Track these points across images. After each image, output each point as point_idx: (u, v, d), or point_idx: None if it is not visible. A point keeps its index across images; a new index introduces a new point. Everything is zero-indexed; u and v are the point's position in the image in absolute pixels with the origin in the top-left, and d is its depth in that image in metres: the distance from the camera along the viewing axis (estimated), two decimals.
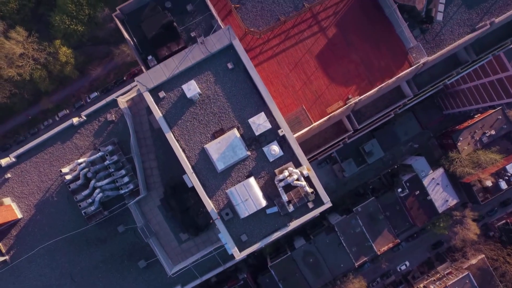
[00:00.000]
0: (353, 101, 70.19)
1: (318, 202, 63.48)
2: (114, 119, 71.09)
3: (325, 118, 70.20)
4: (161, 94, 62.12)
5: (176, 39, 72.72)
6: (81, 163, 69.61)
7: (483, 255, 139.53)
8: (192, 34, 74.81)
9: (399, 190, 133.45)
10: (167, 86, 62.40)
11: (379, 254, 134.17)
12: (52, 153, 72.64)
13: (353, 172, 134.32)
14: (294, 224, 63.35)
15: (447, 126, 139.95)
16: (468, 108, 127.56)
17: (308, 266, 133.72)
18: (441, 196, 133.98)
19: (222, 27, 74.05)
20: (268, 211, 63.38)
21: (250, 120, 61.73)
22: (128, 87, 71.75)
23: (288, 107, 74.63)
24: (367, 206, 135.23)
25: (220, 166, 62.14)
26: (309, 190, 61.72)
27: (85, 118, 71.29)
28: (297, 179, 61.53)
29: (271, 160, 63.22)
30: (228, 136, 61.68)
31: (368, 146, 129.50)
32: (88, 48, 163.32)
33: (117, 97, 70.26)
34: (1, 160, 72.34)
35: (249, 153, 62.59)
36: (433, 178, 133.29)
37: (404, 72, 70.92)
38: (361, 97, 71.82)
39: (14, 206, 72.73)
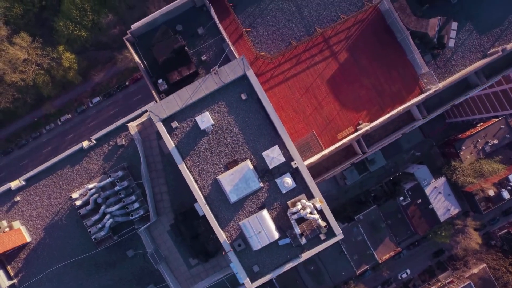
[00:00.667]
0: (364, 129, 69.26)
1: (330, 233, 62.73)
2: (124, 143, 69.99)
3: (335, 146, 69.17)
4: (174, 124, 61.07)
5: (187, 63, 71.66)
6: (91, 189, 68.47)
7: (485, 265, 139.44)
8: (203, 58, 73.68)
9: (401, 198, 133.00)
10: (180, 116, 61.34)
11: (380, 262, 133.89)
12: (61, 176, 71.53)
13: (355, 180, 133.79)
14: (306, 255, 62.71)
15: (449, 135, 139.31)
16: (472, 117, 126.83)
17: (309, 273, 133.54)
18: (443, 205, 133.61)
19: (233, 51, 72.98)
20: (280, 242, 62.62)
21: (264, 153, 60.75)
22: (139, 111, 70.44)
23: (298, 132, 73.70)
24: (369, 214, 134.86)
25: (233, 198, 61.23)
26: (322, 223, 60.85)
27: (95, 142, 70.14)
28: (310, 213, 60.55)
29: (283, 191, 62.32)
30: (241, 168, 60.69)
31: (370, 154, 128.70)
32: (91, 53, 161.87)
33: (128, 122, 68.85)
34: (10, 183, 71.22)
35: (262, 184, 61.74)
36: (435, 187, 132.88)
37: (415, 101, 69.86)
38: (372, 124, 70.89)
39: (23, 229, 71.71)
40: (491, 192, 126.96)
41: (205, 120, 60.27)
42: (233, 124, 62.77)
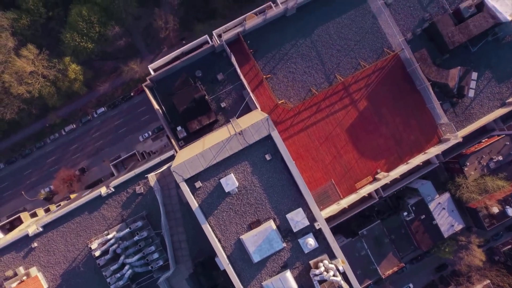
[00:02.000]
0: (383, 182, 68.11)
1: None
2: (142, 191, 68.66)
3: (355, 198, 68.17)
4: (198, 184, 59.79)
5: (207, 112, 70.39)
6: (110, 239, 67.06)
7: (489, 281, 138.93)
8: (223, 105, 72.29)
9: (405, 213, 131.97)
10: (204, 175, 60.06)
11: (383, 277, 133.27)
12: (79, 223, 70.14)
13: None
14: None
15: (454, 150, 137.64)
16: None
17: None
18: (446, 220, 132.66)
19: (253, 99, 71.51)
20: None
21: (289, 217, 59.83)
22: (157, 159, 68.95)
23: (317, 181, 72.60)
24: (373, 229, 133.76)
25: (256, 258, 60.32)
26: (344, 286, 59.88)
27: (113, 189, 68.77)
28: (333, 275, 59.58)
29: (306, 251, 61.45)
30: (264, 229, 59.70)
31: None
32: (96, 63, 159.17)
33: (147, 172, 67.43)
34: (28, 230, 69.66)
35: (285, 244, 60.93)
36: (439, 203, 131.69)
37: (435, 153, 68.83)
38: (391, 177, 69.77)
39: (40, 276, 70.48)
40: (495, 209, 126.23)
41: (230, 183, 59.04)
42: (257, 184, 61.50)
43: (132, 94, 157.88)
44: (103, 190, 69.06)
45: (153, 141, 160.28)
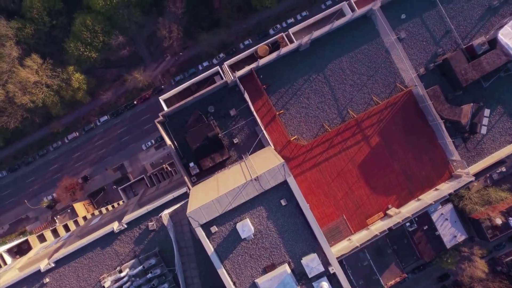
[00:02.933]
0: (395, 219, 68.01)
1: None
2: (155, 228, 68.25)
3: (368, 237, 68.02)
4: (213, 229, 59.53)
5: (220, 150, 69.93)
6: (123, 277, 66.70)
7: None
8: (235, 140, 71.81)
9: (408, 224, 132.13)
10: (219, 220, 59.84)
11: None
12: (91, 258, 69.64)
13: None
14: None
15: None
16: None
17: None
18: (449, 231, 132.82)
19: (266, 135, 71.03)
20: None
21: (304, 262, 59.82)
22: (170, 196, 68.42)
23: (329, 216, 72.38)
24: (376, 239, 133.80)
25: None
26: None
27: (125, 225, 68.36)
28: None
29: None
30: (279, 273, 59.64)
31: None
32: (99, 71, 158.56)
33: (161, 208, 67.10)
34: (40, 265, 69.11)
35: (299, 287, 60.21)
36: (441, 214, 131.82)
37: (447, 191, 68.64)
38: (402, 211, 69.66)
39: None
40: (498, 221, 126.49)
41: (246, 229, 58.87)
42: (272, 228, 61.27)
43: (135, 102, 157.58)
44: (115, 226, 68.62)
45: (156, 149, 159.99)
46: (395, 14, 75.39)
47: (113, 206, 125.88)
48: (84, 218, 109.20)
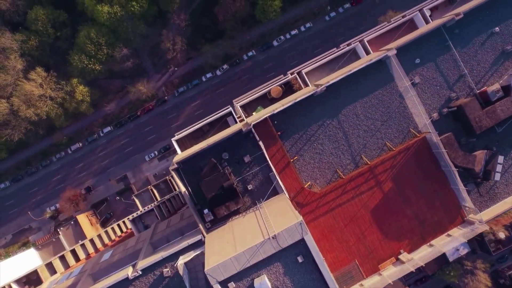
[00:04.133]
0: (408, 268, 67.89)
1: None
2: (170, 274, 67.92)
3: (378, 279, 68.09)
4: (231, 285, 59.53)
5: (235, 199, 69.27)
6: None
7: None
8: (249, 187, 71.29)
9: None
10: (237, 277, 59.39)
11: None
12: None
13: None
14: None
15: None
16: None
17: None
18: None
19: (280, 183, 70.58)
20: None
21: None
22: (185, 243, 67.98)
23: (341, 261, 72.17)
24: None
25: None
26: None
27: (140, 272, 67.72)
28: None
29: None
30: None
31: None
32: (102, 81, 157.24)
33: (176, 256, 66.66)
34: None
35: None
36: None
37: (459, 240, 68.46)
38: (414, 258, 69.54)
39: None
40: (502, 235, 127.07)
41: (263, 286, 59.13)
42: (289, 284, 61.22)
43: (138, 113, 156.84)
44: (130, 272, 68.17)
45: (159, 160, 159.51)
46: (410, 59, 74.68)
47: (118, 226, 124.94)
48: (92, 242, 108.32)
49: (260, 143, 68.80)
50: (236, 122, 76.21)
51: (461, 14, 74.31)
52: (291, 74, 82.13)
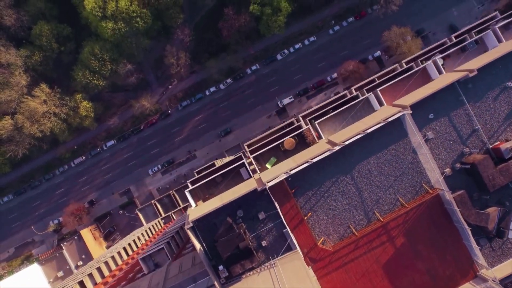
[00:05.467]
0: None
1: None
2: None
3: None
4: None
5: (251, 257, 69.47)
6: None
7: None
8: (263, 243, 71.45)
9: None
10: None
11: None
12: None
13: None
14: None
15: None
16: None
17: None
18: None
19: (294, 240, 70.96)
20: None
21: None
22: None
23: None
24: None
25: None
26: None
27: None
28: None
29: None
30: None
31: None
32: (106, 95, 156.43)
33: None
34: None
35: None
36: None
37: None
38: None
39: None
40: None
41: None
42: None
43: (142, 127, 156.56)
44: None
45: (163, 174, 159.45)
46: (424, 114, 74.54)
47: (124, 249, 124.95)
48: (99, 272, 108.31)
49: (275, 202, 68.76)
50: (250, 174, 76.09)
51: (475, 71, 74.05)
52: (303, 118, 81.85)
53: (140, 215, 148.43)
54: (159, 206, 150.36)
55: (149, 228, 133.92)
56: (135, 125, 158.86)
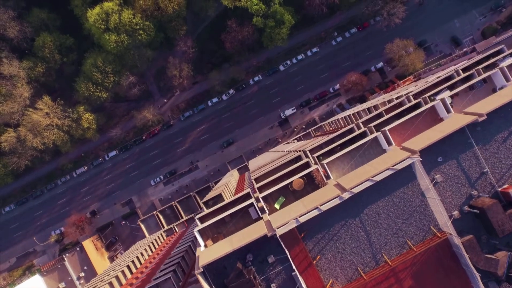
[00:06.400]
0: None
1: None
2: None
3: None
4: None
5: None
6: None
7: None
8: (272, 286, 71.38)
9: None
10: None
11: None
12: None
13: None
14: None
15: None
16: None
17: None
18: None
19: (302, 283, 70.97)
20: None
21: None
22: None
23: None
24: None
25: None
26: None
27: None
28: None
29: None
30: None
31: None
32: (108, 105, 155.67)
33: None
34: None
35: None
36: None
37: None
38: None
39: None
40: None
41: None
42: None
43: (144, 137, 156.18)
44: None
45: (165, 185, 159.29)
46: (432, 157, 74.20)
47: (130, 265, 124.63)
48: None
49: (284, 247, 68.70)
50: (259, 214, 75.89)
51: (484, 115, 73.69)
52: (311, 153, 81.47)
53: (142, 226, 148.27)
54: (161, 217, 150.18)
55: (152, 243, 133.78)
56: (137, 135, 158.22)
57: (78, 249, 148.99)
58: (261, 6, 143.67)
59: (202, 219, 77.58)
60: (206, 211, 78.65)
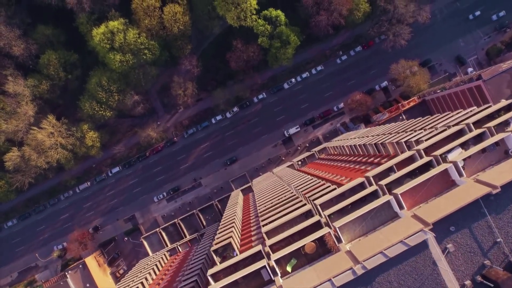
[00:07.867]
0: None
1: None
2: None
3: None
4: None
5: None
6: None
7: None
8: None
9: None
10: None
11: None
12: None
13: None
14: None
15: None
16: None
17: None
18: None
19: None
20: None
21: None
22: None
23: None
24: None
25: None
26: None
27: None
28: None
29: None
30: None
31: None
32: (112, 121, 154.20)
33: None
34: None
35: None
36: None
37: None
38: None
39: None
40: None
41: None
42: None
43: (147, 154, 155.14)
44: None
45: (168, 202, 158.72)
46: (445, 227, 73.49)
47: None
48: None
49: None
50: (270, 277, 75.23)
51: (498, 187, 72.84)
52: (320, 213, 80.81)
53: (145, 243, 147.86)
54: (164, 234, 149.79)
55: (155, 265, 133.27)
56: (141, 151, 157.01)
57: (80, 266, 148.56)
58: (267, 27, 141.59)
59: (214, 276, 76.66)
60: (218, 266, 77.60)
